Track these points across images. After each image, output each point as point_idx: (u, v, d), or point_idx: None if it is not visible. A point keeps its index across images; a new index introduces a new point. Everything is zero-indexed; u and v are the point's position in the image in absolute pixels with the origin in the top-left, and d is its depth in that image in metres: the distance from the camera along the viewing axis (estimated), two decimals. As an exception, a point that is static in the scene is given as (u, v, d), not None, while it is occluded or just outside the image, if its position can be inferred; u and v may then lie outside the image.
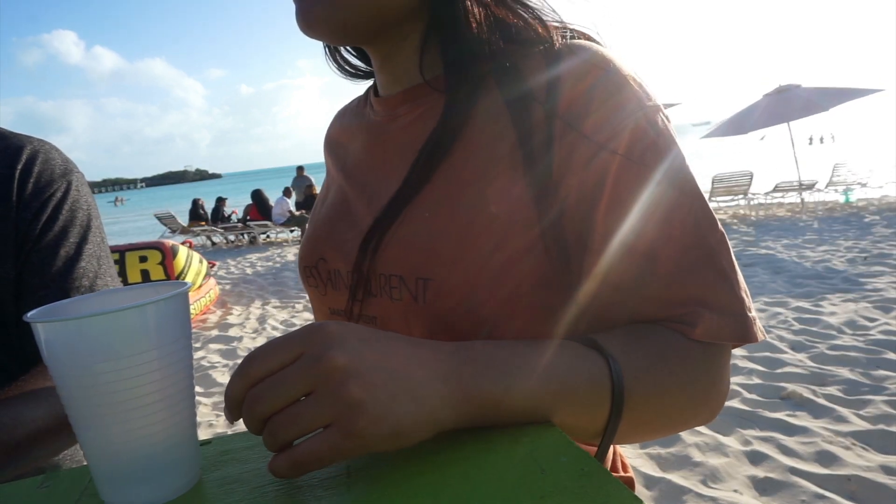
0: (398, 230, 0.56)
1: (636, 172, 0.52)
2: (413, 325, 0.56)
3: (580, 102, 0.53)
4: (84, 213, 0.79)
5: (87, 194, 0.82)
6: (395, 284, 0.56)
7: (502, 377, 0.43)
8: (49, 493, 0.42)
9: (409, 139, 0.62)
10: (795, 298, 4.44)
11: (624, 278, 0.51)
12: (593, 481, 0.34)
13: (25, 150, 0.77)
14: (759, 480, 2.12)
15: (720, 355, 0.52)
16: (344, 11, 0.57)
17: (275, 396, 0.37)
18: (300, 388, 0.37)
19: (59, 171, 0.79)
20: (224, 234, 12.10)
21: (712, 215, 0.53)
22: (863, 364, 3.07)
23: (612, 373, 0.46)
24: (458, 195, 0.55)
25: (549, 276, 0.55)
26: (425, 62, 0.61)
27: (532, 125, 0.55)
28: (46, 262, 0.74)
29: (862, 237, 6.65)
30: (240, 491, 0.40)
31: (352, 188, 0.67)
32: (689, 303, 0.50)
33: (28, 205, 0.74)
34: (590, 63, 0.55)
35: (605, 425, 0.47)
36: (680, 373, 0.49)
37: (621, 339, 0.50)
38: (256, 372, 0.38)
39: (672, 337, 0.50)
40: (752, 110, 10.01)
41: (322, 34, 0.60)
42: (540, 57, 0.57)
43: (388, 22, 0.60)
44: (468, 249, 0.53)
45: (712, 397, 0.52)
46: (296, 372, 0.37)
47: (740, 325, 0.50)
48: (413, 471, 0.38)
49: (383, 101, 0.67)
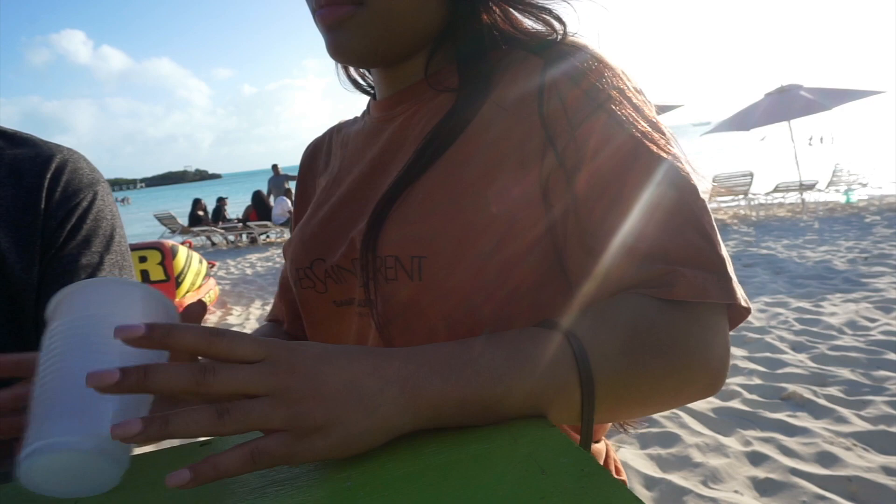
0: (394, 212, 0.56)
1: (633, 172, 0.52)
2: (419, 313, 0.55)
3: (577, 104, 0.54)
4: (108, 223, 0.81)
5: (111, 204, 0.83)
6: (391, 265, 0.55)
7: (453, 371, 0.42)
8: (48, 494, 0.42)
9: (405, 135, 0.63)
10: (796, 299, 4.44)
11: (624, 277, 0.51)
12: (594, 482, 0.34)
13: (55, 160, 0.79)
14: (759, 481, 2.12)
15: (708, 316, 0.49)
16: (378, 42, 0.59)
17: (233, 381, 0.37)
18: (258, 388, 0.37)
19: (87, 181, 0.80)
20: (224, 235, 12.10)
21: (692, 191, 0.52)
22: (863, 364, 3.07)
23: (576, 353, 0.45)
24: (457, 191, 0.55)
25: (548, 275, 0.55)
26: (431, 63, 0.63)
27: (532, 126, 0.55)
28: (68, 269, 0.75)
29: (863, 237, 6.65)
30: (240, 492, 0.40)
31: (346, 189, 0.67)
32: (668, 262, 0.49)
33: (54, 213, 0.76)
34: (587, 65, 0.56)
35: (580, 408, 0.45)
36: (658, 343, 0.47)
37: (589, 316, 0.48)
38: (220, 347, 0.38)
39: (646, 304, 0.48)
40: (754, 109, 10.02)
41: (353, 62, 0.64)
42: (541, 58, 0.58)
43: (414, 47, 0.62)
44: (467, 248, 0.53)
45: (704, 362, 0.48)
46: (258, 372, 0.38)
47: (724, 284, 0.49)
48: (413, 472, 0.38)
49: (380, 103, 0.68)
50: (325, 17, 0.58)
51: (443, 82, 0.62)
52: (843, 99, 9.24)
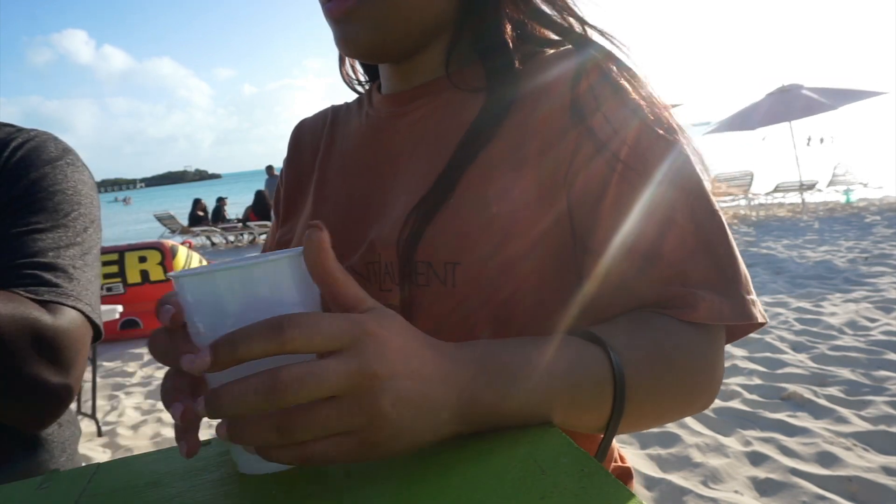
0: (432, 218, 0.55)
1: (637, 173, 0.52)
2: (432, 312, 0.54)
3: (585, 100, 0.54)
4: (67, 198, 0.81)
5: (77, 182, 0.83)
6: (422, 270, 0.54)
7: (507, 384, 0.42)
8: (49, 494, 0.42)
9: (422, 133, 0.62)
10: (796, 299, 4.44)
11: (625, 278, 0.51)
12: (594, 482, 0.34)
13: (19, 138, 0.81)
14: (759, 481, 2.12)
15: (717, 339, 0.51)
16: (386, 34, 0.58)
17: (306, 390, 0.33)
18: (334, 388, 0.34)
19: (46, 158, 0.82)
20: (224, 235, 12.09)
21: (710, 203, 0.53)
22: (864, 364, 3.07)
23: (614, 368, 0.45)
24: (488, 194, 0.54)
25: (552, 275, 0.55)
26: (452, 60, 0.61)
27: (558, 125, 0.55)
28: (5, 235, 0.75)
29: (863, 237, 6.65)
30: (240, 493, 0.40)
31: (357, 185, 0.65)
32: (688, 284, 0.50)
33: (2, 182, 0.77)
34: (597, 60, 0.55)
35: (607, 421, 0.46)
36: (679, 362, 0.49)
37: (622, 330, 0.49)
38: (295, 344, 0.33)
39: (670, 324, 0.49)
40: (755, 108, 10.01)
41: (362, 55, 0.61)
42: (552, 53, 0.58)
43: (424, 40, 0.61)
44: (499, 253, 0.53)
45: (710, 384, 0.51)
46: (336, 371, 0.33)
47: (740, 305, 0.50)
48: (414, 472, 0.38)
49: (391, 98, 0.66)
50: (333, 10, 0.57)
51: (468, 81, 0.60)
52: (844, 99, 9.24)
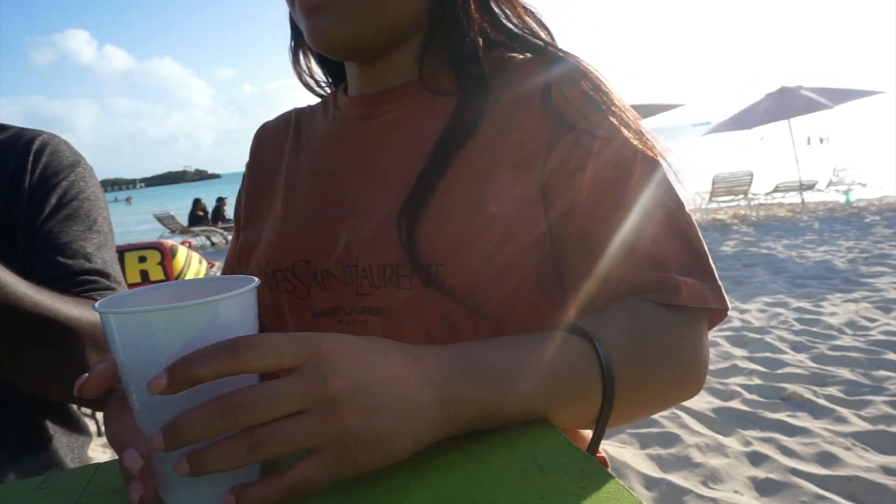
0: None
1: (611, 167, 0.53)
2: (421, 316, 0.54)
3: (557, 99, 0.55)
4: (90, 204, 0.82)
5: (93, 186, 0.85)
6: (405, 273, 0.54)
7: (490, 381, 0.41)
8: (49, 494, 0.42)
9: (396, 136, 0.62)
10: (796, 299, 4.44)
11: (605, 269, 0.52)
12: (593, 482, 0.34)
13: (36, 142, 0.81)
14: (759, 481, 2.12)
15: (701, 323, 0.52)
16: (360, 28, 0.57)
17: (266, 406, 0.32)
18: (294, 406, 0.33)
19: (66, 163, 0.82)
20: (224, 235, 12.09)
21: (678, 196, 0.55)
22: (863, 364, 3.07)
23: (601, 358, 0.45)
24: (465, 196, 0.55)
25: (549, 276, 0.56)
26: (424, 63, 0.61)
27: (532, 126, 0.56)
28: (50, 246, 0.76)
29: (862, 237, 6.65)
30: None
31: (326, 188, 0.64)
32: (665, 268, 0.51)
33: (34, 194, 0.78)
34: (582, 70, 0.57)
35: (598, 413, 0.46)
36: (664, 346, 0.49)
37: (605, 320, 0.49)
38: (249, 364, 0.33)
39: (653, 309, 0.50)
40: (755, 108, 10.02)
41: (335, 50, 0.59)
42: (537, 60, 0.59)
43: (397, 37, 0.60)
44: (479, 253, 0.53)
45: (698, 367, 0.51)
46: (292, 389, 0.33)
47: (717, 292, 0.52)
48: (414, 472, 0.38)
49: (360, 100, 0.65)
50: (305, 1, 0.56)
51: (440, 85, 0.61)
52: (843, 98, 9.25)
